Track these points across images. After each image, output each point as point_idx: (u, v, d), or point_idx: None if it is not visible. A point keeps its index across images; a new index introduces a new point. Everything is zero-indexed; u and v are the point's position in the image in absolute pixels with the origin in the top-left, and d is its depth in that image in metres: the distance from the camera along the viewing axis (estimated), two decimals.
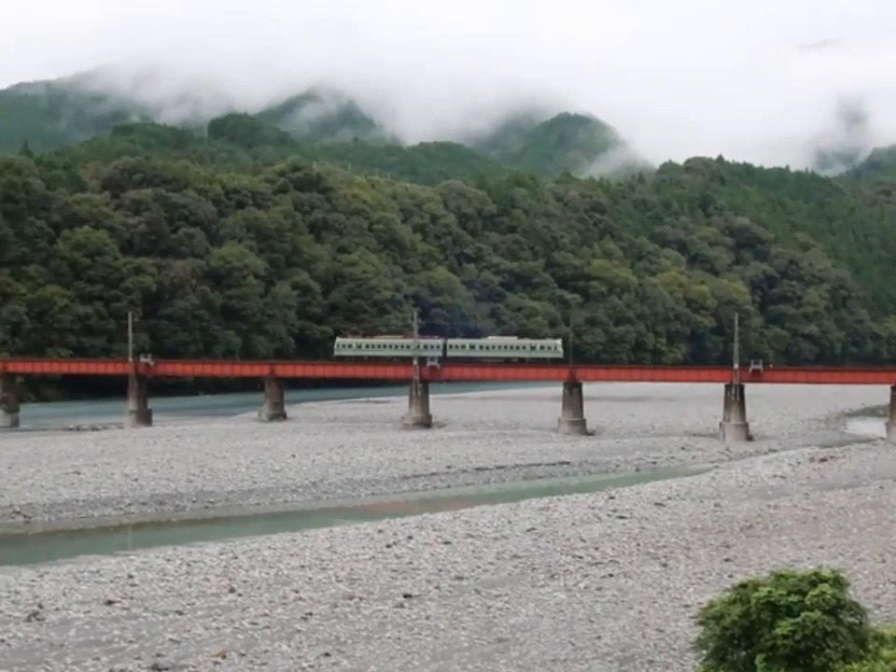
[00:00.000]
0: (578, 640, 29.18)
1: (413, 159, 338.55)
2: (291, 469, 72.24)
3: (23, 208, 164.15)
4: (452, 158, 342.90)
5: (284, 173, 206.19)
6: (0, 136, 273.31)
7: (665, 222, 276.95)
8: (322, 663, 27.43)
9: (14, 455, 79.09)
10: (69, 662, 27.70)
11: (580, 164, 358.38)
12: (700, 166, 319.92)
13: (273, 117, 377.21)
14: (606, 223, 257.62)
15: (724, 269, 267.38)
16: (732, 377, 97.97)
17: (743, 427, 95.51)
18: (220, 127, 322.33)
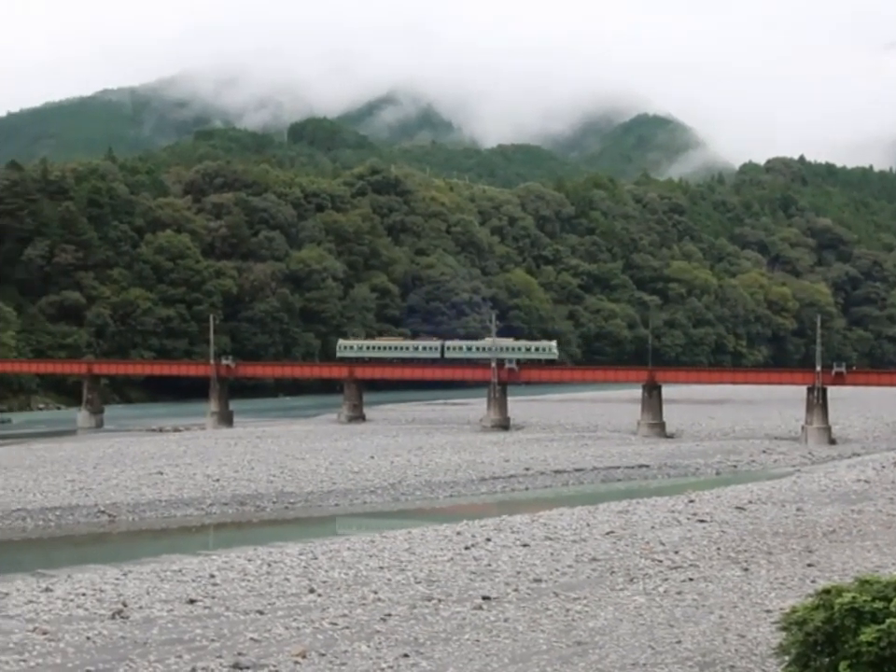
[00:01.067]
0: (657, 645, 28.90)
1: (490, 161, 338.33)
2: (370, 470, 72.45)
3: (108, 213, 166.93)
4: (530, 160, 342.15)
5: (362, 176, 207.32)
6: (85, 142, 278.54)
7: (746, 223, 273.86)
8: (401, 664, 27.45)
9: (99, 456, 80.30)
10: (152, 659, 28.00)
11: (659, 165, 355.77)
12: (781, 167, 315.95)
13: (352, 120, 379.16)
14: (685, 224, 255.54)
15: (806, 270, 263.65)
16: (814, 380, 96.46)
17: (826, 430, 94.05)
18: (300, 131, 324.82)
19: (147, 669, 27.23)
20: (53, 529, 53.39)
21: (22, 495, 61.01)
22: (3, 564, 45.56)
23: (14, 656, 28.35)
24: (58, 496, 60.72)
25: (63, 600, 34.90)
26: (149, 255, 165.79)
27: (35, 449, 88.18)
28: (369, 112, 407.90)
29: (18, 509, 56.82)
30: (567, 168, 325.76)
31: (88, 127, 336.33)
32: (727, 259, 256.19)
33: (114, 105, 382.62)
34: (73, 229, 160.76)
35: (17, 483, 65.10)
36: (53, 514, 55.83)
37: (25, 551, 49.45)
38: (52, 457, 79.92)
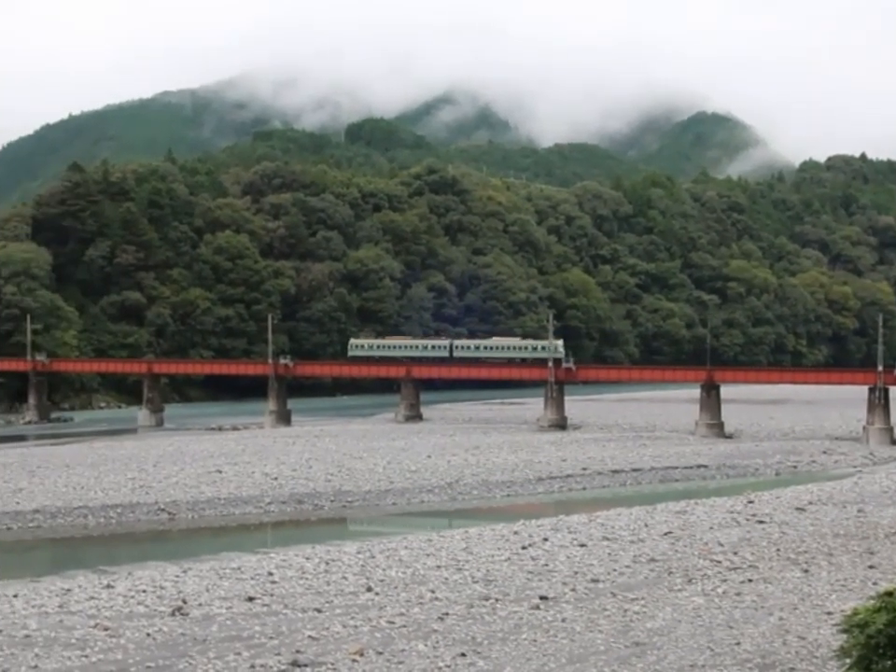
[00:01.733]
0: (716, 646, 28.70)
1: (547, 160, 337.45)
2: (427, 469, 72.54)
3: (168, 213, 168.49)
4: (587, 159, 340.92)
5: (419, 176, 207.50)
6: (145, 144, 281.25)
7: (806, 222, 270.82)
8: (458, 663, 27.46)
9: (159, 454, 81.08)
10: (211, 656, 28.21)
11: (718, 164, 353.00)
12: (842, 164, 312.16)
13: (410, 120, 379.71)
14: (744, 223, 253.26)
15: (867, 269, 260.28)
16: (876, 379, 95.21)
17: (888, 430, 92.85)
18: (357, 131, 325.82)
19: (206, 666, 27.44)
20: (114, 527, 54.00)
21: (84, 492, 61.75)
22: (65, 560, 46.18)
23: (76, 652, 28.70)
24: (119, 493, 61.39)
25: (123, 597, 35.28)
26: (209, 255, 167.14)
27: (96, 447, 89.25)
28: (426, 112, 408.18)
29: (80, 506, 57.52)
30: (624, 167, 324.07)
31: (148, 129, 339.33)
32: (787, 258, 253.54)
33: (174, 106, 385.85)
34: (133, 230, 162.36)
35: (79, 481, 65.91)
36: (114, 512, 56.45)
37: (87, 548, 50.07)
38: (113, 455, 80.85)
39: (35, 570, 43.33)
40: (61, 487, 63.57)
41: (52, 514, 55.58)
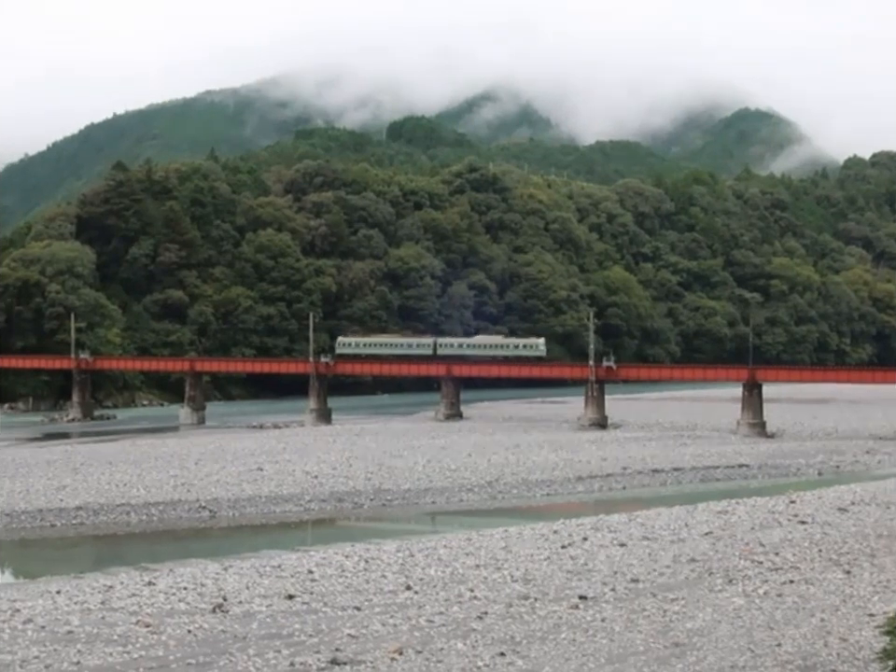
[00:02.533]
0: (757, 647, 28.50)
1: (589, 158, 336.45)
2: (467, 468, 72.54)
3: (210, 212, 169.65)
4: (629, 156, 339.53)
5: (461, 174, 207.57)
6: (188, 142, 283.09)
7: (850, 219, 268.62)
8: (497, 662, 27.44)
9: (201, 452, 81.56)
10: (251, 653, 28.33)
11: (761, 160, 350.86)
12: (887, 160, 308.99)
13: (451, 118, 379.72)
14: (787, 220, 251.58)
15: None
16: None
17: None
18: (398, 129, 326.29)
19: (246, 663, 27.56)
20: (156, 524, 54.34)
21: (127, 489, 62.23)
22: (108, 557, 46.54)
23: (118, 648, 28.91)
24: (161, 491, 61.80)
25: (165, 594, 35.48)
26: (250, 253, 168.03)
27: (138, 445, 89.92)
28: (468, 110, 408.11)
29: (122, 503, 57.96)
30: (666, 164, 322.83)
31: (191, 128, 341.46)
32: (830, 256, 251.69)
33: (216, 105, 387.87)
34: (176, 228, 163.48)
35: (121, 478, 66.43)
36: (156, 509, 56.83)
37: (129, 545, 50.42)
38: (155, 453, 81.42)
39: (78, 567, 43.68)
40: (104, 484, 64.09)
41: (95, 511, 56.03)
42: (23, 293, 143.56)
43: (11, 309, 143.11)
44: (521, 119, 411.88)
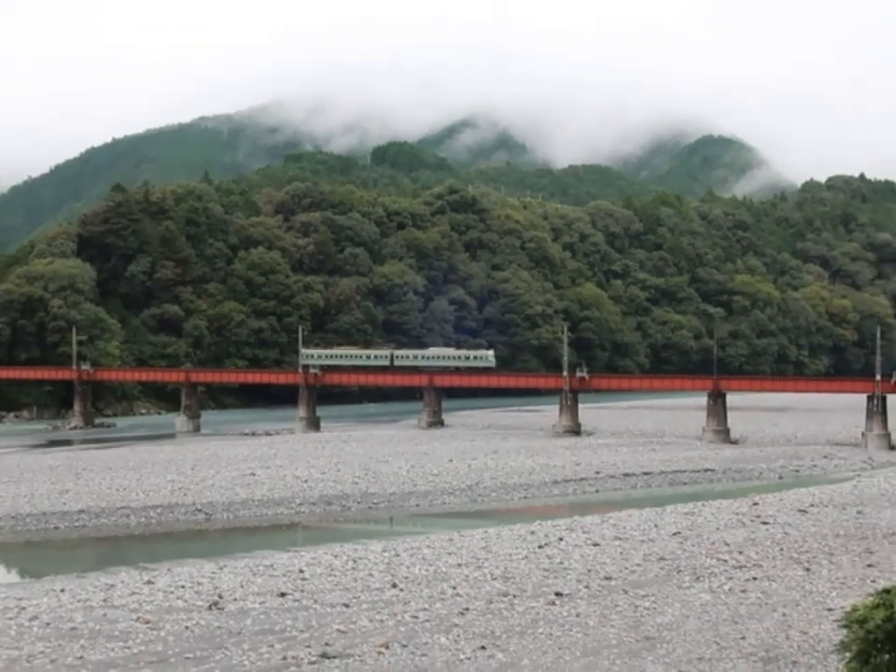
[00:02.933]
0: (722, 640, 28.66)
1: (562, 181, 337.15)
2: (449, 472, 72.59)
3: (204, 231, 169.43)
4: (600, 179, 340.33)
5: (441, 196, 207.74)
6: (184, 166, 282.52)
7: (808, 239, 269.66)
8: (478, 655, 27.52)
9: (196, 458, 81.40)
10: (246, 648, 28.36)
11: (724, 184, 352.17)
12: (842, 184, 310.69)
13: (432, 143, 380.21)
14: (749, 240, 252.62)
15: (866, 283, 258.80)
16: (874, 388, 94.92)
17: (885, 436, 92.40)
18: (383, 154, 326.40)
19: (241, 657, 27.59)
20: (155, 526, 54.26)
21: (126, 493, 62.10)
22: (109, 558, 46.48)
23: (119, 643, 28.91)
24: (159, 495, 61.70)
25: (163, 592, 35.49)
26: (242, 270, 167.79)
27: (137, 451, 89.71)
28: (448, 135, 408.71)
29: (122, 506, 57.85)
30: (635, 187, 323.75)
31: (186, 152, 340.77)
32: (789, 273, 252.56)
33: (211, 131, 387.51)
34: (172, 246, 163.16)
35: (121, 483, 66.28)
36: (155, 512, 56.73)
37: (129, 546, 50.37)
38: (153, 459, 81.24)
39: (81, 567, 43.62)
40: (104, 489, 63.95)
41: (97, 514, 55.90)
42: (27, 308, 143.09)
43: (16, 323, 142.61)
44: (498, 144, 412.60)
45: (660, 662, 26.62)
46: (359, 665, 26.84)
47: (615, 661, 26.84)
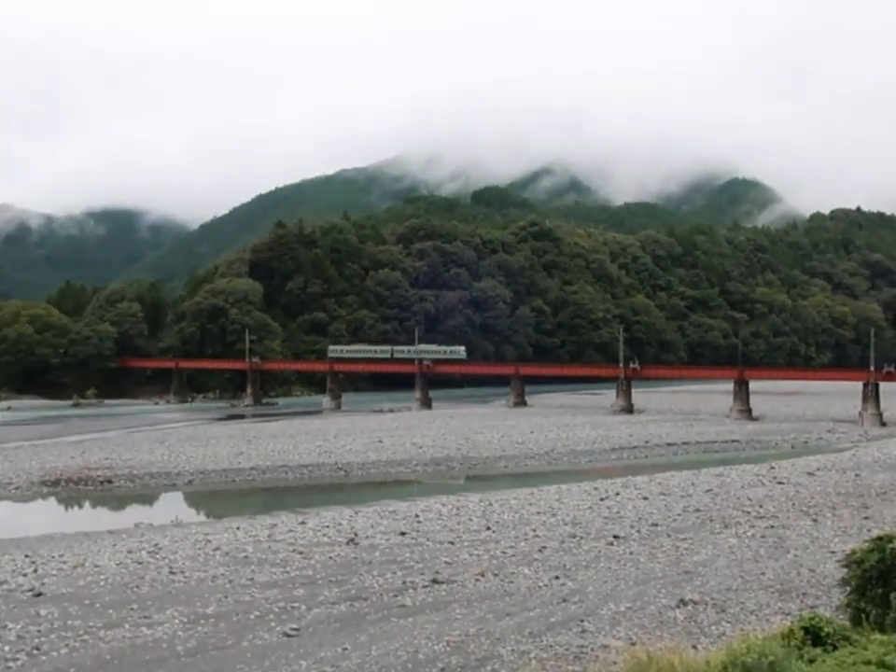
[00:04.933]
0: (746, 575, 28.01)
1: (619, 215, 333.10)
2: (530, 441, 72.33)
3: (344, 256, 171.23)
4: (648, 213, 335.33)
5: (525, 228, 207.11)
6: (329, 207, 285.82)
7: (814, 259, 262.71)
8: (553, 583, 27.30)
9: (338, 429, 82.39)
10: (375, 574, 28.53)
11: (748, 216, 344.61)
12: (842, 215, 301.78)
13: (519, 187, 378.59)
14: (767, 260, 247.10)
15: (862, 294, 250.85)
16: (868, 377, 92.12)
17: (878, 415, 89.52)
18: (480, 196, 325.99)
19: (371, 581, 27.75)
20: (306, 480, 54.98)
21: (285, 455, 63.06)
22: (272, 504, 47.21)
23: (280, 569, 29.31)
24: (309, 456, 62.52)
25: (313, 530, 35.87)
26: (373, 286, 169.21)
27: (293, 423, 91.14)
28: (532, 180, 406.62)
29: (282, 465, 58.75)
30: (676, 219, 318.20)
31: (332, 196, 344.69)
32: (799, 286, 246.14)
33: (350, 180, 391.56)
34: (320, 268, 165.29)
35: (282, 447, 67.34)
36: (306, 469, 57.50)
37: (287, 495, 51.09)
38: (306, 429, 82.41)
39: (251, 510, 44.34)
40: (269, 452, 65.01)
41: (263, 471, 56.84)
42: (212, 315, 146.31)
43: (204, 327, 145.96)
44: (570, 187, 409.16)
45: (696, 591, 26.11)
46: (461, 588, 26.81)
47: (661, 589, 26.41)
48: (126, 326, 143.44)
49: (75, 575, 28.62)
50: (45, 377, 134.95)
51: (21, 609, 24.79)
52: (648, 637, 20.74)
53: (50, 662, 20.69)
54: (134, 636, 22.49)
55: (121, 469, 56.98)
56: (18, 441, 76.22)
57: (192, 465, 58.31)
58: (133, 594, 26.36)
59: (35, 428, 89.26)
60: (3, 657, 20.91)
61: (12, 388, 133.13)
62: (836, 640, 14.00)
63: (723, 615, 23.68)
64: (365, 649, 21.29)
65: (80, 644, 21.87)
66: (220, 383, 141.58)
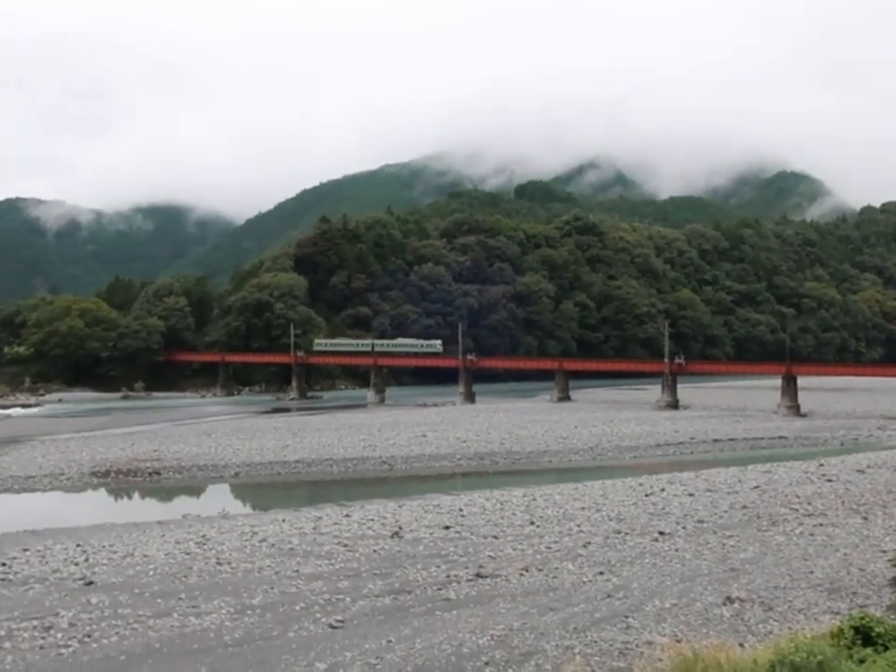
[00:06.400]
0: (794, 574, 27.64)
1: (664, 209, 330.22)
2: (574, 436, 71.99)
3: (388, 252, 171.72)
4: (693, 207, 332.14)
5: (568, 222, 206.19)
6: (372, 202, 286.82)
7: (865, 252, 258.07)
8: (598, 579, 27.19)
9: (381, 423, 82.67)
10: (419, 567, 28.62)
11: (796, 209, 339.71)
12: (893, 208, 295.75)
13: (562, 181, 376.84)
14: (816, 254, 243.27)
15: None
16: None
17: None
18: (523, 191, 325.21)
19: (415, 574, 27.85)
20: (351, 473, 55.27)
21: (330, 449, 63.44)
22: (317, 497, 47.53)
23: (325, 561, 29.54)
24: (354, 450, 62.84)
25: (357, 523, 36.07)
26: (416, 281, 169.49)
27: (338, 417, 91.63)
28: (576, 174, 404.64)
29: (327, 458, 59.14)
30: (722, 213, 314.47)
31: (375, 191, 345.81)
32: (849, 280, 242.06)
33: (394, 175, 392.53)
34: (363, 263, 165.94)
35: (327, 441, 67.77)
36: (351, 463, 57.80)
37: (332, 488, 51.39)
38: (350, 423, 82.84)
39: (297, 503, 44.70)
40: (314, 445, 65.46)
41: (308, 464, 57.26)
42: (258, 310, 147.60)
43: (249, 321, 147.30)
44: (615, 181, 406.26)
45: (743, 589, 25.85)
46: (505, 583, 26.81)
47: (707, 586, 26.18)
48: (173, 320, 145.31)
49: (124, 564, 29.12)
50: (94, 370, 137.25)
51: (73, 597, 25.28)
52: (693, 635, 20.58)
53: (101, 649, 21.07)
54: (182, 625, 22.82)
55: (169, 460, 57.79)
56: (69, 432, 77.69)
57: (239, 457, 58.91)
58: (180, 583, 26.74)
59: (85, 420, 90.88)
60: (56, 643, 21.36)
61: (63, 381, 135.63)
62: (888, 641, 13.77)
63: (771, 613, 23.41)
64: (409, 641, 21.39)
65: (130, 632, 22.25)
66: (266, 376, 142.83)
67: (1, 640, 21.56)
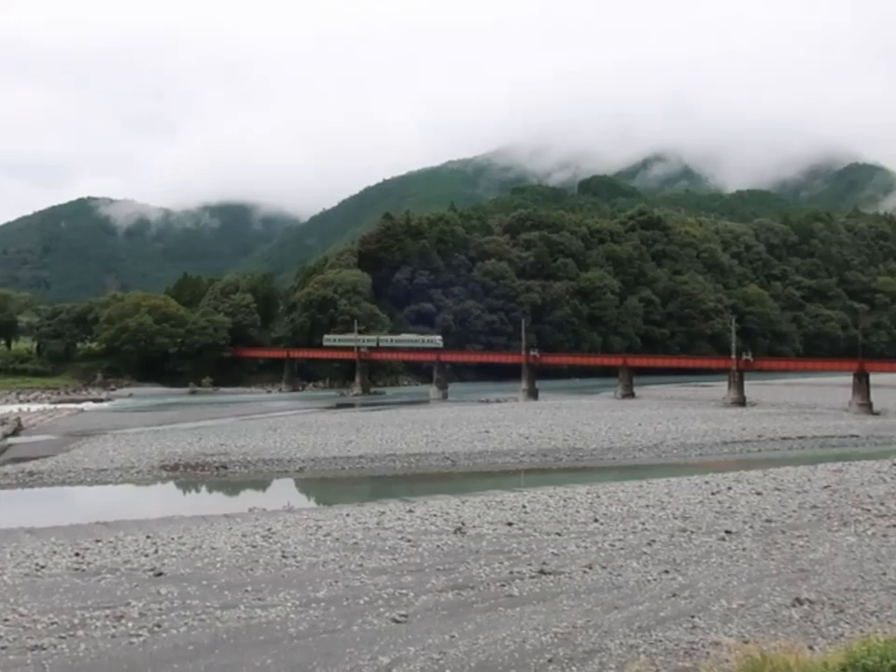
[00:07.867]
0: (866, 575, 26.97)
1: (731, 203, 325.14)
2: (638, 433, 71.28)
3: (451, 247, 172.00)
4: (761, 201, 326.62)
5: (633, 217, 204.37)
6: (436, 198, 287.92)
7: None
8: (663, 577, 26.88)
9: (445, 418, 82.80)
10: (482, 563, 28.60)
11: (869, 202, 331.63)
12: None
13: (626, 176, 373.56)
14: (889, 248, 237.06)
15: None
16: None
17: None
18: (587, 185, 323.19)
19: (478, 570, 27.83)
20: (414, 469, 55.44)
21: (393, 444, 63.74)
22: (381, 492, 47.78)
23: (388, 556, 29.69)
24: (417, 445, 63.02)
25: (420, 519, 36.13)
26: (480, 277, 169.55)
27: (401, 413, 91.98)
28: (641, 168, 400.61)
29: (390, 454, 59.41)
30: (792, 207, 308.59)
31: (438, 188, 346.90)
32: None
33: (457, 171, 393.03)
34: (427, 259, 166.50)
35: (390, 436, 68.09)
36: (414, 458, 57.98)
37: (395, 483, 51.60)
38: (413, 419, 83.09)
39: (361, 498, 44.96)
40: (377, 440, 65.82)
41: (371, 459, 57.59)
42: (322, 306, 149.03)
43: (314, 317, 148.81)
44: (682, 175, 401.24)
45: (812, 590, 25.31)
46: (569, 580, 26.66)
47: (775, 587, 25.70)
48: (240, 316, 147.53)
49: (193, 556, 29.65)
50: (163, 366, 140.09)
51: (143, 587, 25.83)
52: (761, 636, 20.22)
53: (170, 639, 21.50)
54: (249, 616, 23.16)
55: (236, 455, 58.66)
56: (139, 426, 79.41)
57: (303, 452, 59.52)
58: (247, 576, 27.14)
59: (154, 415, 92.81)
60: (127, 633, 21.86)
61: (133, 376, 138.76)
62: None
63: (842, 615, 22.88)
64: (472, 637, 21.41)
65: (198, 623, 22.65)
66: (330, 372, 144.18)
67: (74, 629, 22.13)
